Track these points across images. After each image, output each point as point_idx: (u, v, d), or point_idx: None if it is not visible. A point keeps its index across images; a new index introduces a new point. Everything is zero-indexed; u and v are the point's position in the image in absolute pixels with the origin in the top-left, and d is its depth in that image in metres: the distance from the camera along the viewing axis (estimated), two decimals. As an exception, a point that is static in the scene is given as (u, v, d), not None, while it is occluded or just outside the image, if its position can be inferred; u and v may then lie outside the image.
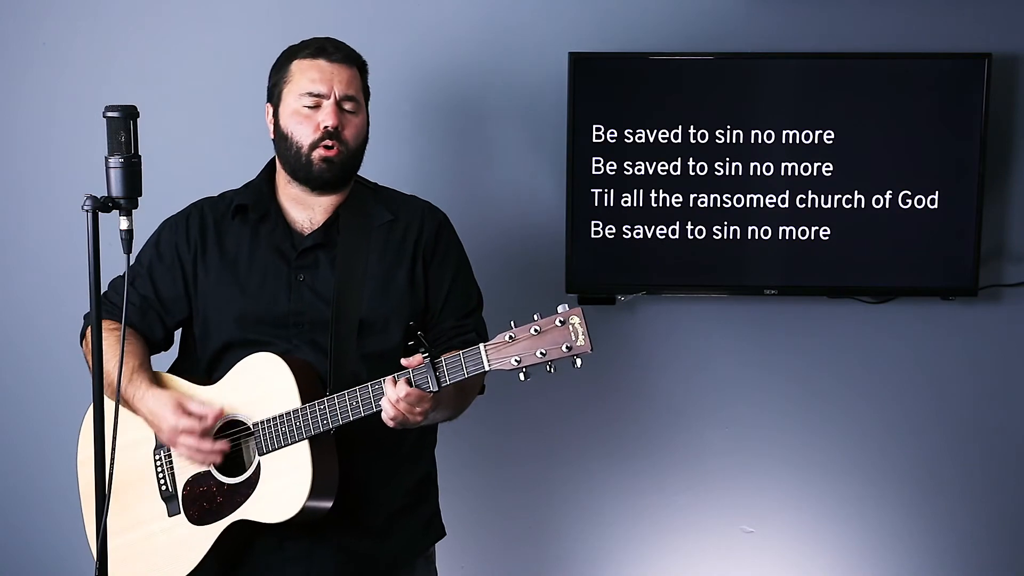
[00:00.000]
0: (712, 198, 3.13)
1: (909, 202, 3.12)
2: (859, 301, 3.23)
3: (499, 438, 3.29)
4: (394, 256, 2.49)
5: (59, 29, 3.17)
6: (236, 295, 2.46)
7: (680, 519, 3.32)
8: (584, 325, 2.21)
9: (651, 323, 3.27)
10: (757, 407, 3.29)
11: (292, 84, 2.45)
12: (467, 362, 2.25)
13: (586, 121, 3.09)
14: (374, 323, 2.44)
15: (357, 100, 2.46)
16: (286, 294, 2.45)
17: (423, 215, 2.55)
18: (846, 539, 3.32)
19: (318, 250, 2.47)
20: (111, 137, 2.06)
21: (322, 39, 2.50)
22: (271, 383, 2.37)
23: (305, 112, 2.43)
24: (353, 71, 2.47)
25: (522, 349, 2.22)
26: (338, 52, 2.47)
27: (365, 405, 2.30)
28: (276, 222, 2.49)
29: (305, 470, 2.33)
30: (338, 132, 2.42)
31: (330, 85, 2.43)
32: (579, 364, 2.23)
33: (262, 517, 2.35)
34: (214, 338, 2.47)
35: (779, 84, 3.11)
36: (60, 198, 3.16)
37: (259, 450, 2.36)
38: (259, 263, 2.47)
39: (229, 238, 2.50)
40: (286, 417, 2.34)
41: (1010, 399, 3.30)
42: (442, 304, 2.52)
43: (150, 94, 2.96)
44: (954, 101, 3.09)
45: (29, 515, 3.29)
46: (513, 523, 3.33)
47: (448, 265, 2.54)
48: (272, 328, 2.43)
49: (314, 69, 2.44)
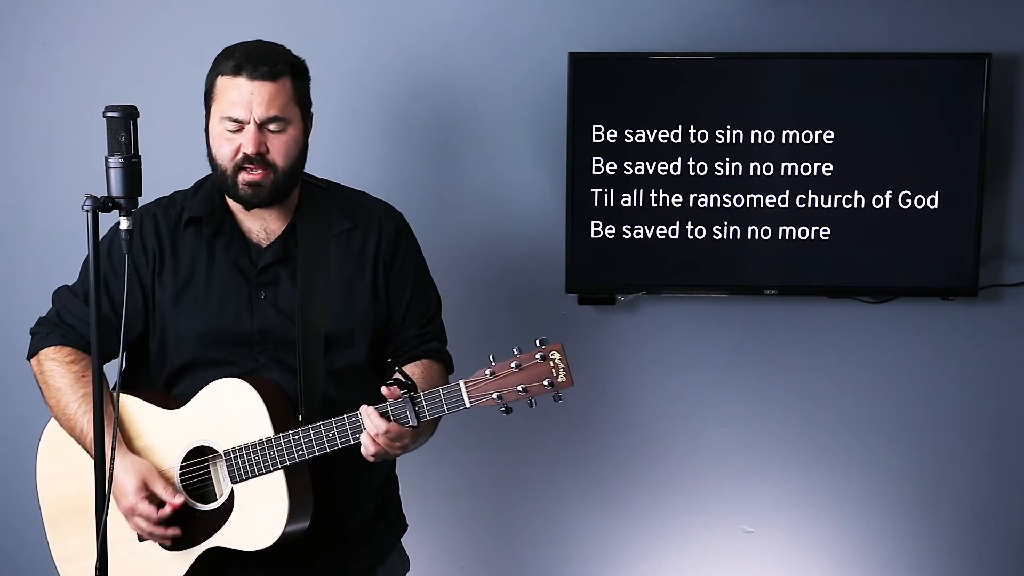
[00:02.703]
0: (712, 198, 3.13)
1: (909, 202, 3.12)
2: (859, 301, 3.23)
3: (499, 438, 3.28)
4: (354, 266, 2.44)
5: (59, 29, 3.17)
6: (197, 314, 2.39)
7: (680, 519, 3.32)
8: (565, 360, 2.18)
9: (651, 323, 3.26)
10: (757, 407, 3.29)
11: (216, 103, 2.34)
12: (447, 399, 2.22)
13: (586, 121, 3.09)
14: (340, 337, 2.40)
15: (282, 118, 2.33)
16: (248, 313, 2.39)
17: (381, 220, 2.49)
18: (846, 539, 3.32)
19: (278, 265, 2.40)
20: (111, 137, 2.05)
21: (248, 50, 2.35)
22: (240, 409, 2.32)
23: (227, 135, 2.32)
24: (279, 85, 2.32)
25: (502, 385, 2.18)
26: (260, 67, 2.31)
27: (342, 438, 2.27)
28: (231, 235, 2.41)
29: (281, 498, 2.29)
30: (261, 156, 2.31)
31: (248, 108, 2.30)
32: (561, 400, 2.21)
33: (240, 545, 2.32)
34: (173, 356, 2.40)
35: (779, 84, 3.11)
36: (60, 198, 3.15)
37: (232, 478, 2.32)
38: (217, 280, 2.40)
39: (183, 251, 2.42)
40: (260, 447, 2.30)
41: (1010, 399, 3.30)
42: (404, 312, 2.48)
43: (150, 94, 2.96)
44: (954, 101, 3.09)
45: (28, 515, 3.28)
46: (513, 523, 3.32)
47: (408, 272, 2.49)
48: (236, 348, 2.38)
49: (233, 90, 2.31)
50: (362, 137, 3.19)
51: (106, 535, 2.07)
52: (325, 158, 3.18)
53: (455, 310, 3.21)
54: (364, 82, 3.17)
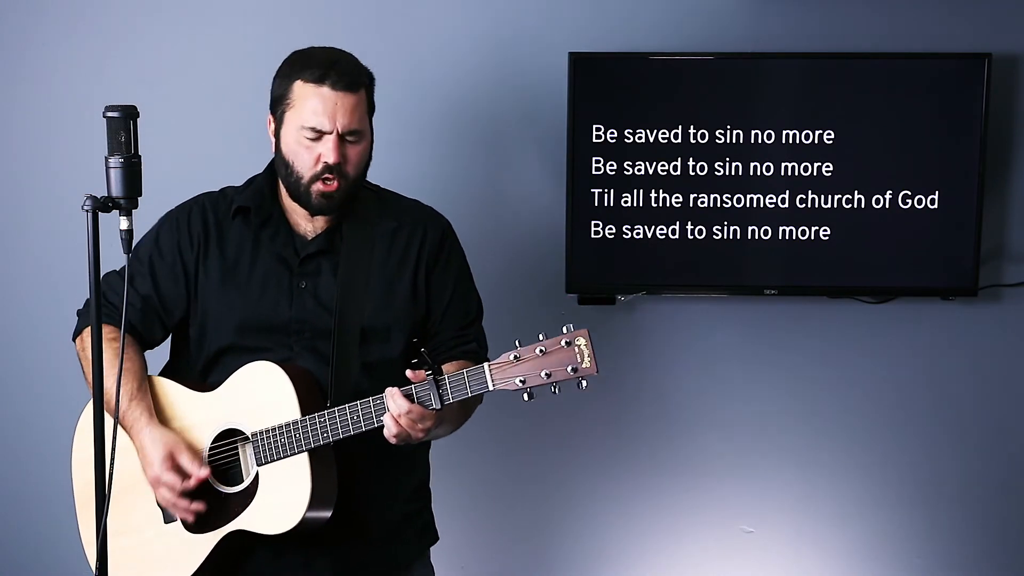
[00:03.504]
0: (712, 198, 3.13)
1: (909, 202, 3.12)
2: (859, 301, 3.23)
3: (498, 438, 3.28)
4: (397, 264, 2.46)
5: (59, 29, 3.17)
6: (237, 301, 2.42)
7: (680, 519, 3.32)
8: (590, 347, 2.18)
9: (651, 323, 3.26)
10: (757, 407, 3.29)
11: (294, 110, 2.34)
12: (471, 381, 2.22)
13: (586, 121, 3.09)
14: (376, 332, 2.42)
15: (360, 131, 2.35)
16: (288, 302, 2.42)
17: (427, 222, 2.51)
18: (846, 539, 3.32)
19: (320, 257, 2.43)
20: (111, 137, 2.05)
21: (330, 58, 2.35)
22: (270, 393, 2.34)
23: (306, 143, 2.33)
24: (359, 96, 2.34)
25: (527, 370, 2.19)
26: (343, 78, 2.32)
27: (366, 420, 2.29)
28: (278, 227, 2.45)
29: (304, 482, 2.31)
30: (339, 167, 2.33)
31: (333, 119, 2.31)
32: (584, 386, 2.21)
33: (260, 528, 2.33)
34: (212, 342, 2.44)
35: (779, 84, 3.11)
36: (60, 198, 3.15)
37: (257, 460, 2.35)
38: (260, 269, 2.43)
39: (230, 240, 2.46)
40: (285, 429, 2.32)
41: (1010, 399, 3.30)
42: (443, 313, 2.49)
43: (150, 94, 2.96)
44: (954, 101, 3.09)
45: (28, 515, 3.29)
46: (513, 523, 3.32)
47: (450, 274, 2.51)
48: (273, 335, 2.41)
49: (317, 98, 2.31)
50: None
51: (106, 535, 2.07)
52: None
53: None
54: (364, 82, 3.17)
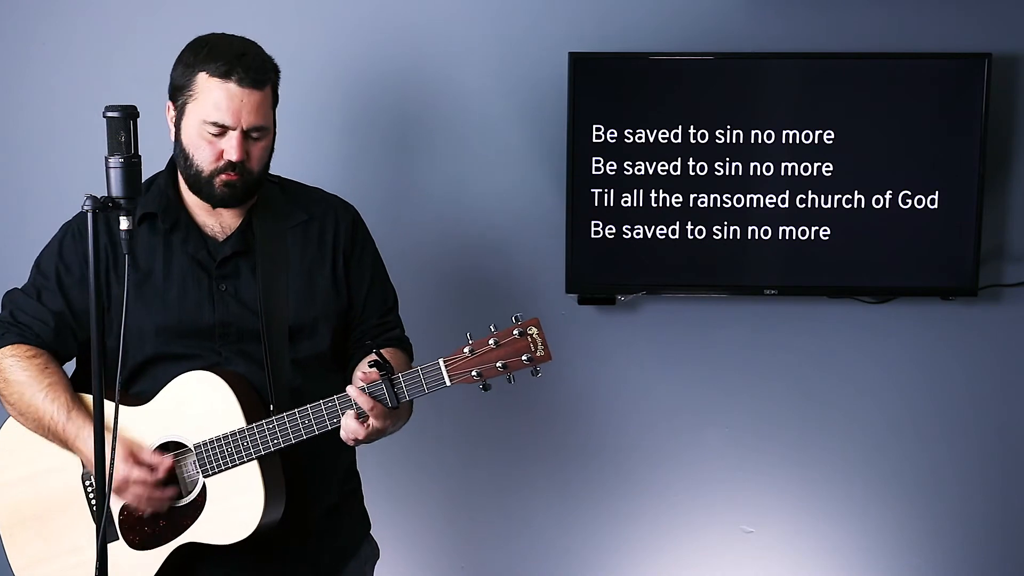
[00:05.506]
0: (712, 198, 3.13)
1: (909, 202, 3.12)
2: (859, 301, 3.23)
3: (498, 438, 3.29)
4: (314, 257, 2.45)
5: (59, 29, 3.17)
6: (155, 308, 2.37)
7: (680, 519, 3.32)
8: (542, 334, 2.20)
9: (651, 323, 3.26)
10: (757, 407, 3.29)
11: (197, 103, 2.31)
12: (427, 379, 2.23)
13: (586, 121, 3.09)
14: (303, 328, 2.41)
15: (264, 127, 2.33)
16: (210, 305, 2.38)
17: (336, 212, 2.50)
18: (846, 539, 3.32)
19: (238, 258, 2.40)
20: (111, 137, 2.05)
21: (236, 51, 2.32)
22: (210, 402, 2.31)
23: (208, 138, 2.30)
24: (264, 92, 2.32)
25: (481, 362, 2.20)
26: (250, 74, 2.29)
27: (319, 424, 2.28)
28: (188, 231, 2.40)
29: (257, 488, 2.29)
30: (242, 164, 2.31)
31: (237, 116, 2.28)
32: (539, 374, 2.22)
33: (214, 539, 2.31)
34: (134, 351, 2.37)
35: (779, 84, 3.11)
36: (60, 198, 3.15)
37: (203, 471, 2.32)
38: (176, 274, 2.38)
39: (139, 247, 2.39)
40: (233, 437, 2.30)
41: (1010, 399, 3.30)
42: (364, 301, 2.49)
43: (150, 94, 2.96)
44: (954, 101, 3.09)
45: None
46: (512, 523, 3.32)
47: (366, 262, 2.51)
48: (199, 341, 2.37)
49: (221, 93, 2.28)
50: (362, 136, 3.18)
51: (106, 535, 2.06)
52: (326, 158, 3.19)
53: (455, 310, 3.22)
54: (364, 82, 3.17)
